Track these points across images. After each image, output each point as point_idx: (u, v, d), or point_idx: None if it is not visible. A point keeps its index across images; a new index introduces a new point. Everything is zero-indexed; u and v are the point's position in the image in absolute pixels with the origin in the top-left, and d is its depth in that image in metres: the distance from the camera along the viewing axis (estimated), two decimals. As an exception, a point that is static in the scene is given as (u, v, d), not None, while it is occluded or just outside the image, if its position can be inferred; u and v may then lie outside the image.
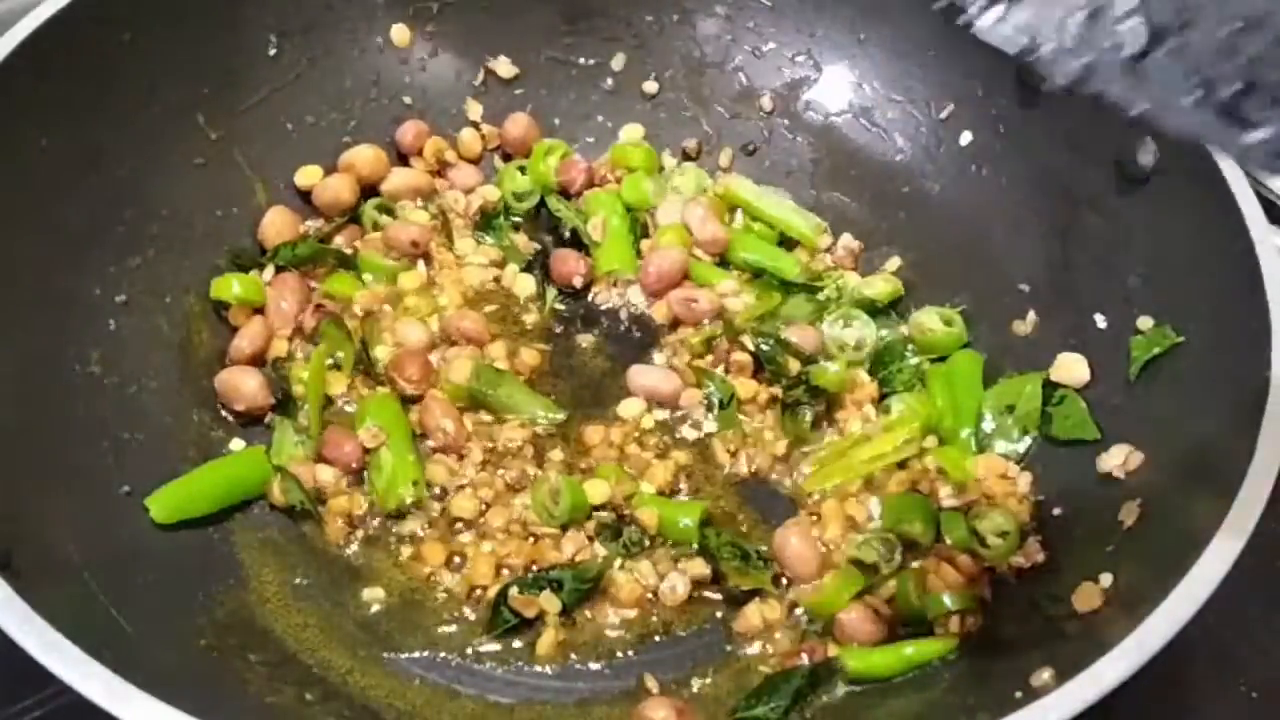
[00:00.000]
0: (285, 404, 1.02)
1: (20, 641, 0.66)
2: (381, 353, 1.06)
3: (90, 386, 0.92)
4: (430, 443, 1.01)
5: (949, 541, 0.94)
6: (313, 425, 1.01)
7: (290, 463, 0.98)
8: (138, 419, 0.94)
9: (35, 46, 0.91)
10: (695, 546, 0.96)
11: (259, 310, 1.06)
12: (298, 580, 0.93)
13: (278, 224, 1.10)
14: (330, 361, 1.04)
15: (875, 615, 0.91)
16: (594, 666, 0.92)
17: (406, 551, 0.96)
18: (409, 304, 1.09)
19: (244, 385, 1.00)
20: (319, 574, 0.94)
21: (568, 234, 1.16)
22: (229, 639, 0.86)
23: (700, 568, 0.95)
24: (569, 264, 1.14)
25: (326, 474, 0.98)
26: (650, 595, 0.95)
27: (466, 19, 1.19)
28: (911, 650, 0.89)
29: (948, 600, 0.90)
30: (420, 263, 1.12)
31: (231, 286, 1.04)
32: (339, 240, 1.13)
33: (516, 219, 1.18)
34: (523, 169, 1.19)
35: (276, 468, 0.96)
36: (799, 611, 0.94)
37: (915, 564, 0.94)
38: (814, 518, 0.98)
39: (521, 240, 1.17)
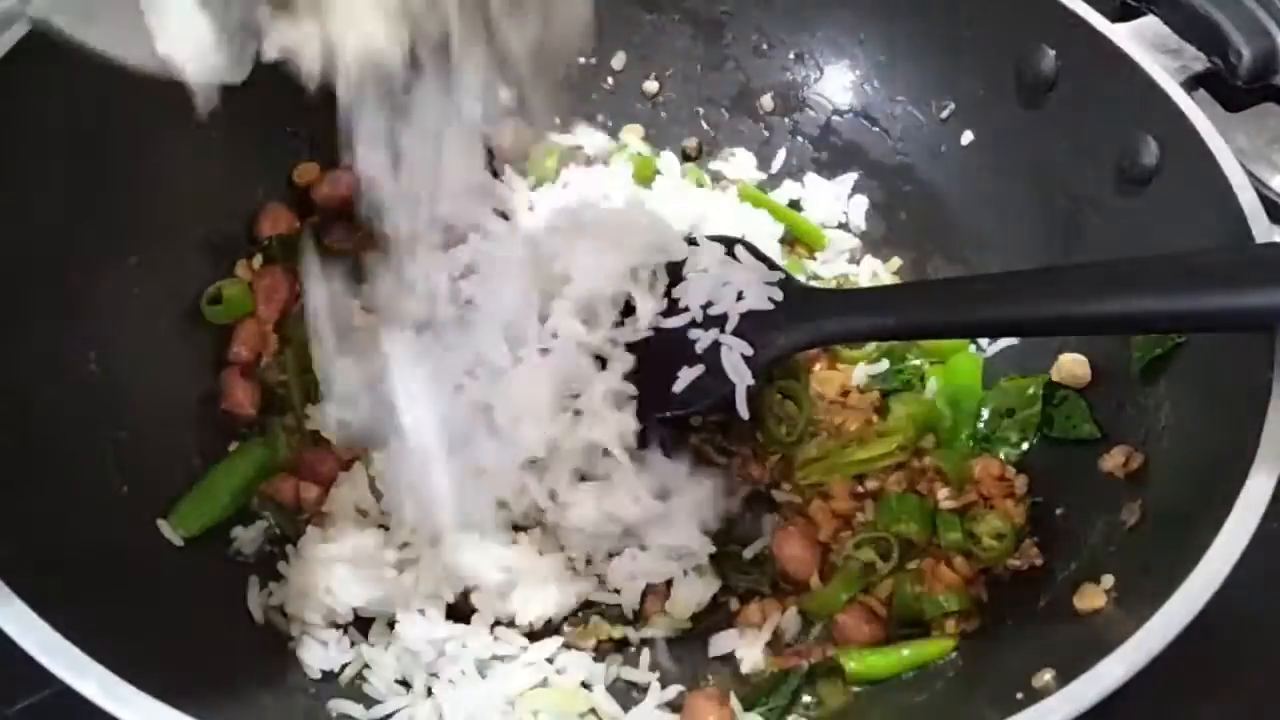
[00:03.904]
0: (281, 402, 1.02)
1: (20, 641, 0.66)
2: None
3: (90, 386, 0.92)
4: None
5: (944, 543, 0.94)
6: (301, 425, 1.01)
7: (280, 469, 0.98)
8: (137, 419, 0.94)
9: (33, 44, 0.90)
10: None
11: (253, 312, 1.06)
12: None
13: (273, 220, 1.10)
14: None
15: (873, 616, 0.92)
16: (594, 667, 0.92)
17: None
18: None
19: (230, 391, 1.01)
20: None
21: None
22: (229, 638, 0.86)
23: (702, 570, 0.95)
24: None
25: (311, 492, 0.97)
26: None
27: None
28: (909, 651, 0.89)
29: (944, 601, 0.90)
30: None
31: (223, 290, 1.04)
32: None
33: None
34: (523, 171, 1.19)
35: (258, 491, 0.96)
36: (798, 612, 0.93)
37: (912, 565, 0.94)
38: (808, 520, 0.98)
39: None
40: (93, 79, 0.94)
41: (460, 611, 0.91)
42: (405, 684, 0.88)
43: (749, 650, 0.92)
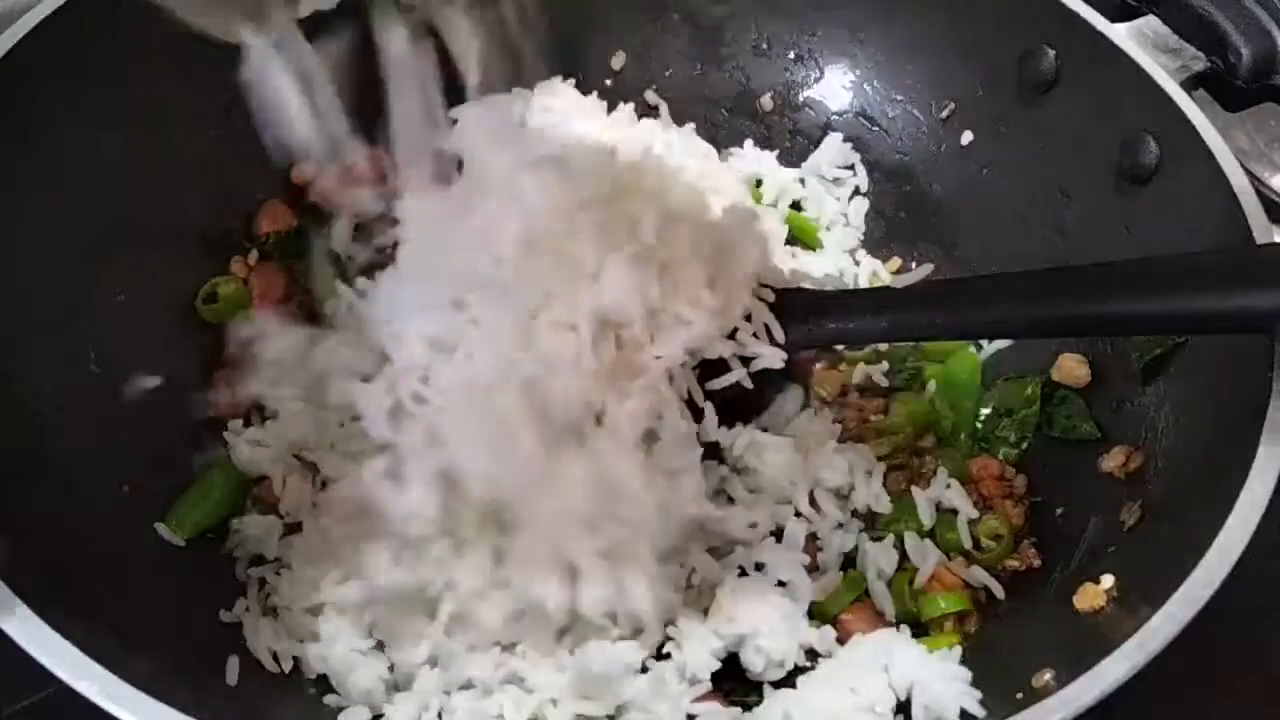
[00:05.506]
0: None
1: (20, 641, 0.66)
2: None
3: (90, 386, 0.92)
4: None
5: (943, 544, 0.94)
6: None
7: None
8: (137, 419, 0.94)
9: (34, 44, 0.90)
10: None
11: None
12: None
13: (271, 216, 1.10)
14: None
15: (877, 616, 0.91)
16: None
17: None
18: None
19: (218, 395, 1.00)
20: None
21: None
22: (229, 637, 0.86)
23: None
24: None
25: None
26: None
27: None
28: (915, 649, 0.89)
29: (942, 601, 0.90)
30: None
31: (218, 289, 1.04)
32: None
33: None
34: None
35: (251, 494, 0.96)
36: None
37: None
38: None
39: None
40: (92, 78, 0.95)
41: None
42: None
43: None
